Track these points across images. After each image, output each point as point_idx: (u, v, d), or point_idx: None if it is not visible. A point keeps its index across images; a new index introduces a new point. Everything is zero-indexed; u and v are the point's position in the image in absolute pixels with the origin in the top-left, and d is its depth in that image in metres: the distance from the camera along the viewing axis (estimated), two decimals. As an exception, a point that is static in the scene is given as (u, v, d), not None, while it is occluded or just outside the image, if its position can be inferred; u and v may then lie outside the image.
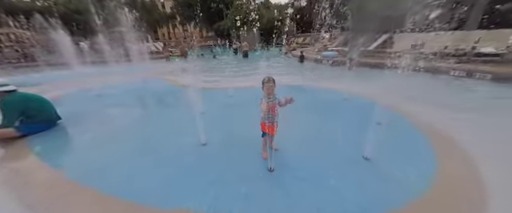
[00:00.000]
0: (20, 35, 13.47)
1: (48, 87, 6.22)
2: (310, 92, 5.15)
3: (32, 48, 13.27)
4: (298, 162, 2.21)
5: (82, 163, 2.38)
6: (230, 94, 4.99)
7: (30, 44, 13.46)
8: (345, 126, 3.10)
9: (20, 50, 12.97)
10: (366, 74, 7.20)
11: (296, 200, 1.70)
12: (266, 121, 2.01)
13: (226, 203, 1.68)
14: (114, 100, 5.04)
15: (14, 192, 1.90)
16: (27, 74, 9.48)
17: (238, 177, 2.01)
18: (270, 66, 10.53)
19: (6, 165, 2.38)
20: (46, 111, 3.17)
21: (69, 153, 2.77)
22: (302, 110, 3.82)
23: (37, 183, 2.04)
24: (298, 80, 6.74)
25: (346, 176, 1.98)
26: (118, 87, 6.25)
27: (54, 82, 7.38)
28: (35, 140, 2.90)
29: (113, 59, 11.01)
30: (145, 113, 4.39)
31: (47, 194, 1.88)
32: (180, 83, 6.58)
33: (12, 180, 2.08)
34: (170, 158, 2.40)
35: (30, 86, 5.85)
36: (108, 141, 2.93)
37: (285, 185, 1.87)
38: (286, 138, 2.65)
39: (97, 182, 1.98)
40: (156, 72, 9.30)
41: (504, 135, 2.64)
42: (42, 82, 7.41)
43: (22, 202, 1.78)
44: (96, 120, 3.69)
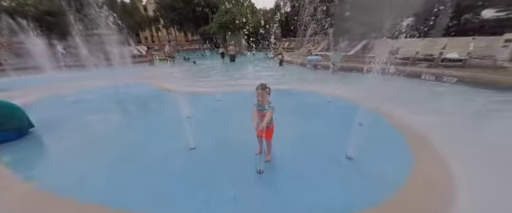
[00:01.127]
0: (-18, 37, 12.20)
1: (18, 93, 5.73)
2: (295, 95, 5.33)
3: (-4, 51, 12.07)
4: (286, 163, 2.29)
5: (57, 173, 2.24)
6: (218, 98, 4.99)
7: (-6, 47, 12.23)
8: (329, 127, 3.27)
9: (-19, 53, 11.73)
10: (348, 78, 7.62)
11: (286, 200, 1.75)
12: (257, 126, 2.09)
13: (215, 207, 1.69)
14: (92, 106, 4.78)
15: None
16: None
17: (228, 179, 2.03)
18: (254, 69, 10.70)
19: (-32, 178, 2.16)
20: (15, 118, 2.93)
21: (42, 162, 2.56)
22: (287, 113, 3.95)
23: (5, 195, 1.89)
24: (282, 83, 6.94)
25: (331, 175, 2.09)
26: (97, 92, 5.94)
27: (24, 87, 6.82)
28: (4, 150, 2.67)
29: (91, 63, 10.40)
30: (127, 118, 4.22)
31: (17, 207, 1.75)
32: (165, 87, 6.42)
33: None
34: (156, 164, 2.35)
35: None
36: (86, 149, 2.77)
37: (274, 186, 1.93)
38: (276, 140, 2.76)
39: (73, 191, 1.89)
40: (139, 76, 8.99)
41: (473, 135, 2.95)
42: (10, 87, 6.80)
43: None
44: (72, 127, 3.48)
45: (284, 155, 2.43)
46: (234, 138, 2.95)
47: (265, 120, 1.88)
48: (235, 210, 1.67)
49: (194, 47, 33.42)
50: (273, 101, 2.03)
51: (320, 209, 1.66)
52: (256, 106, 1.98)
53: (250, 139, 2.75)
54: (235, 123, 3.45)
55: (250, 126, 2.05)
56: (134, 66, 12.32)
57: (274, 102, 2.03)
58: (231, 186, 1.94)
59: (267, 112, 1.91)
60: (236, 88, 6.50)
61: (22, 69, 10.21)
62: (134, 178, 2.10)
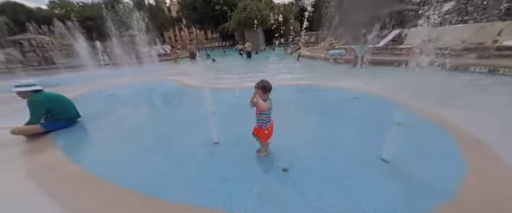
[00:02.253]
0: (40, 40, 14.29)
1: (68, 88, 6.58)
2: (317, 91, 5.14)
3: (51, 52, 14.05)
4: (312, 162, 2.18)
5: (101, 158, 2.53)
6: (237, 94, 5.08)
7: (49, 48, 14.25)
8: (358, 126, 3.04)
9: (40, 54, 13.76)
10: (378, 72, 7.06)
11: (313, 200, 1.67)
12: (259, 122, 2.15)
13: (241, 201, 1.71)
14: (126, 100, 5.25)
15: (40, 183, 2.05)
16: (49, 75, 10.08)
17: (252, 175, 2.03)
18: (273, 65, 10.59)
19: (33, 158, 2.57)
20: (67, 110, 3.39)
21: (88, 148, 2.93)
22: (311, 110, 3.83)
23: (61, 175, 2.20)
24: (301, 79, 6.75)
25: (364, 178, 1.92)
26: (129, 88, 6.50)
27: (72, 83, 7.80)
28: (58, 136, 3.11)
29: (124, 62, 11.45)
30: (157, 112, 4.56)
31: (70, 186, 2.03)
32: (188, 84, 6.76)
33: (39, 172, 2.25)
34: (183, 156, 2.47)
35: (50, 86, 6.23)
36: (123, 138, 3.07)
37: (300, 184, 1.86)
38: (297, 137, 2.70)
39: (115, 176, 2.09)
40: (165, 73, 9.58)
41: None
42: (62, 83, 7.85)
43: (47, 192, 1.93)
44: (110, 119, 3.86)
45: (309, 154, 2.33)
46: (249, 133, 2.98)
47: (258, 102, 1.90)
48: (261, 205, 1.66)
49: (213, 45, 34.36)
50: (292, 97, 1.98)
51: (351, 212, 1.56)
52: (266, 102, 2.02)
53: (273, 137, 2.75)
54: (254, 118, 3.48)
55: None
56: (160, 63, 13.22)
57: (294, 97, 1.98)
58: (255, 181, 1.93)
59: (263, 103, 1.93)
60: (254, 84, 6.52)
61: (70, 67, 11.72)
62: (163, 168, 2.24)
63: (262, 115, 2.02)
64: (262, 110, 1.96)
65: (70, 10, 23.84)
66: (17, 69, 11.46)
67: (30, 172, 2.25)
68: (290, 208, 1.63)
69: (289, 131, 3.00)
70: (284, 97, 4.77)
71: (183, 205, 1.69)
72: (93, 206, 1.72)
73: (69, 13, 23.42)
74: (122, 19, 12.86)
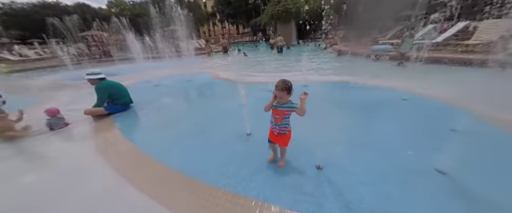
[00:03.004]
0: (100, 36, 16.79)
1: (121, 78, 7.60)
2: (356, 90, 4.73)
3: (108, 46, 16.40)
4: (351, 165, 2.04)
5: (150, 139, 2.88)
6: (269, 88, 5.07)
7: (107, 43, 16.65)
8: (406, 130, 2.72)
9: (101, 48, 16.21)
10: (431, 71, 6.11)
11: (350, 202, 1.59)
12: (271, 124, 1.93)
13: (274, 192, 1.73)
14: (168, 90, 5.79)
15: (106, 156, 2.45)
16: (107, 67, 11.83)
17: (285, 169, 2.03)
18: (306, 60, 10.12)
19: (99, 135, 3.08)
20: (124, 96, 3.94)
21: (140, 130, 3.38)
22: (350, 109, 3.57)
23: (120, 151, 2.59)
24: (338, 75, 6.29)
25: (413, 189, 1.72)
26: (170, 79, 7.14)
27: (124, 73, 8.98)
28: (116, 118, 3.65)
29: (166, 55, 12.60)
30: (194, 102, 4.90)
31: (128, 161, 2.36)
32: (221, 77, 7.06)
33: (104, 147, 2.69)
34: (219, 144, 2.62)
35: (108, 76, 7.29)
36: (166, 123, 3.42)
37: (335, 184, 1.78)
38: (333, 137, 2.58)
39: (161, 156, 2.34)
40: (200, 66, 10.19)
41: None
42: (117, 73, 9.12)
43: (112, 164, 2.28)
44: (156, 106, 4.32)
45: (348, 156, 2.19)
46: None
47: (303, 108, 1.68)
48: (294, 199, 1.65)
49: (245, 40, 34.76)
50: (329, 94, 1.85)
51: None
52: (274, 104, 1.79)
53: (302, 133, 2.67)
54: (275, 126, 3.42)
55: (300, 118, 1.86)
56: (195, 57, 14.08)
57: (330, 95, 1.84)
58: (289, 175, 1.93)
59: (290, 110, 1.74)
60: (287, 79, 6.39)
61: (123, 59, 13.50)
62: (201, 153, 2.42)
63: (286, 119, 1.81)
64: (287, 114, 1.78)
65: (124, 8, 27.27)
66: (84, 61, 13.74)
67: (98, 146, 2.71)
68: (325, 205, 1.58)
69: (324, 130, 2.87)
70: (320, 94, 4.56)
71: (218, 189, 1.80)
72: (148, 181, 1.97)
73: (122, 11, 26.84)
74: (165, 15, 14.05)
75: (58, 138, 3.05)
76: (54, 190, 1.95)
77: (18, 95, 5.56)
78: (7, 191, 1.99)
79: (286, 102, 1.72)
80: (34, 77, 9.33)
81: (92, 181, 2.04)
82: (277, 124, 1.82)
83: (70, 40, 15.41)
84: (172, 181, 1.96)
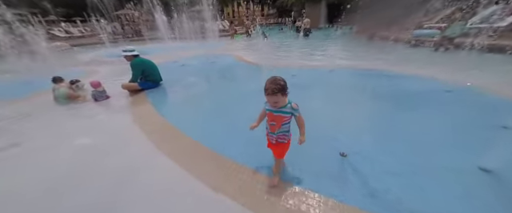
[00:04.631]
0: (132, 15, 17.67)
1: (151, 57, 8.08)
2: (394, 78, 4.28)
3: (140, 26, 17.26)
4: (379, 155, 1.94)
5: (178, 114, 3.10)
6: (293, 73, 4.91)
7: (138, 22, 17.51)
8: (448, 125, 2.44)
9: (133, 27, 17.16)
10: (490, 61, 5.19)
11: (375, 191, 1.55)
12: (267, 131, 1.55)
13: (296, 174, 1.76)
14: (192, 70, 6.00)
15: (141, 127, 2.71)
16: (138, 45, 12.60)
17: (307, 154, 2.00)
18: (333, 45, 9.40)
19: (134, 108, 3.40)
20: (155, 73, 4.22)
21: (169, 106, 3.65)
22: (382, 100, 3.29)
23: (152, 123, 2.84)
24: (371, 62, 5.74)
25: (451, 185, 1.59)
26: (195, 59, 7.35)
27: (154, 52, 9.47)
28: (148, 94, 3.96)
29: (191, 36, 12.86)
30: (219, 83, 4.99)
31: (160, 133, 2.58)
32: (245, 59, 7.02)
33: (139, 119, 2.98)
34: (241, 123, 2.64)
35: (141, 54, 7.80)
36: (193, 101, 3.63)
37: (361, 173, 1.73)
38: (361, 126, 2.46)
39: (188, 130, 2.52)
40: (224, 48, 10.19)
41: None
42: (147, 52, 9.69)
43: (147, 135, 2.52)
44: (182, 84, 4.55)
45: (376, 146, 2.08)
46: (310, 114, 2.87)
47: (302, 128, 1.43)
48: (317, 181, 1.67)
49: (269, 22, 33.28)
50: (359, 82, 1.70)
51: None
52: (266, 107, 1.42)
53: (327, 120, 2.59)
54: (311, 100, 3.32)
55: (324, 105, 1.74)
56: (219, 39, 14.11)
57: (361, 83, 1.70)
58: (310, 159, 1.93)
59: (291, 116, 1.38)
60: (312, 64, 6.10)
61: (152, 39, 14.19)
62: (225, 132, 2.54)
63: (285, 125, 1.42)
64: (286, 120, 1.39)
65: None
66: (119, 40, 14.78)
67: (134, 118, 3.02)
68: (347, 191, 1.56)
69: (352, 118, 2.74)
70: (348, 81, 4.29)
71: (241, 165, 1.90)
72: (178, 152, 2.15)
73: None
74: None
75: (102, 109, 3.46)
76: (100, 151, 2.28)
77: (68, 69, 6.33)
78: (67, 146, 2.38)
79: (283, 106, 1.33)
80: (79, 53, 10.44)
81: (130, 147, 2.31)
82: (274, 132, 1.44)
83: (107, 18, 16.54)
84: (199, 153, 2.11)
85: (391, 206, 1.43)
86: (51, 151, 2.32)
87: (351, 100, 3.32)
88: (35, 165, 2.10)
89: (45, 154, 2.26)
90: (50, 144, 2.46)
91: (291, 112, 1.35)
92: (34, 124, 2.98)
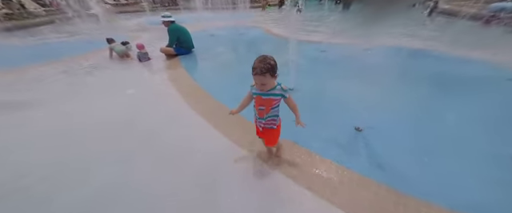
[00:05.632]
0: (167, -17, 17.85)
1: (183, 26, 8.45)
2: (444, 61, 3.78)
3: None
4: (402, 135, 1.92)
5: (208, 79, 3.40)
6: (323, 48, 4.67)
7: (173, -9, 17.76)
8: (501, 115, 2.20)
9: (168, -4, 17.58)
10: None
11: (390, 170, 1.58)
12: (255, 117, 1.42)
13: (306, 138, 1.88)
14: (221, 40, 6.15)
15: (175, 86, 3.11)
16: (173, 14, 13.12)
17: (322, 124, 2.11)
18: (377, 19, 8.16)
19: (170, 70, 3.82)
20: (189, 40, 4.52)
21: (200, 71, 3.97)
22: (425, 84, 3.00)
23: (185, 85, 3.20)
24: (423, 41, 4.99)
25: (479, 171, 1.54)
26: (224, 30, 7.44)
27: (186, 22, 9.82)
28: (182, 59, 4.34)
29: (222, 6, 12.69)
30: (246, 54, 5.11)
31: (190, 93, 2.94)
32: (274, 32, 6.81)
33: (174, 79, 3.38)
34: None
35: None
36: (220, 69, 3.88)
37: (376, 149, 1.77)
38: (388, 107, 2.38)
39: (217, 93, 2.80)
40: (253, 20, 9.89)
41: None
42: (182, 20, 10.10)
43: (181, 93, 2.90)
44: (211, 53, 4.80)
45: (401, 125, 2.04)
46: (332, 89, 2.85)
47: (296, 111, 1.32)
48: (326, 148, 1.78)
49: (306, -8, 29.83)
50: (400, 61, 1.61)
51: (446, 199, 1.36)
52: (252, 90, 1.30)
53: (350, 96, 2.56)
54: (336, 77, 3.23)
55: (350, 83, 1.70)
56: (250, 10, 13.61)
57: (402, 62, 1.61)
58: (323, 128, 2.02)
59: (280, 98, 1.25)
60: (346, 41, 5.61)
61: (185, 8, 14.49)
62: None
63: (274, 109, 1.30)
64: (275, 104, 1.27)
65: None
66: (157, 8, 15.47)
67: (170, 78, 3.44)
68: (355, 159, 1.67)
69: (379, 98, 2.65)
70: (386, 61, 3.96)
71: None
72: (205, 110, 2.48)
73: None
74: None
75: (145, 69, 3.98)
76: (145, 101, 2.76)
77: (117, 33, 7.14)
78: (121, 94, 2.95)
79: (272, 88, 1.20)
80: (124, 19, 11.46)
81: (167, 102, 2.72)
82: (262, 117, 1.33)
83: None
84: (224, 114, 2.39)
85: (399, 179, 1.49)
86: (110, 97, 2.91)
87: (383, 80, 3.11)
88: (97, 106, 2.70)
89: (105, 98, 2.86)
90: (108, 91, 3.07)
91: (281, 94, 1.22)
92: (94, 76, 3.66)
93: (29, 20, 8.67)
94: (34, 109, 2.58)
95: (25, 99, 2.79)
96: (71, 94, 2.96)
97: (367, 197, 1.36)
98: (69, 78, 3.54)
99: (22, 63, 4.10)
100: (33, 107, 2.62)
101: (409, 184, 1.44)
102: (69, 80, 3.44)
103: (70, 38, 6.65)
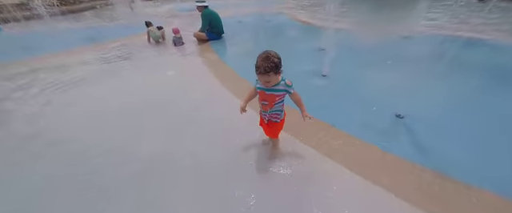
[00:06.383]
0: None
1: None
2: (501, 51, 3.37)
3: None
4: (448, 125, 1.85)
5: (237, 62, 3.51)
6: (354, 36, 4.42)
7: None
8: None
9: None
10: None
11: (428, 150, 1.57)
12: (260, 109, 1.41)
13: (344, 122, 1.92)
14: (248, 26, 6.17)
15: (209, 68, 3.29)
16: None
17: (358, 109, 2.10)
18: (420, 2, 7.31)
19: (203, 54, 4.02)
20: (219, 26, 4.64)
21: (229, 55, 4.11)
22: (477, 76, 2.73)
23: (217, 68, 3.35)
24: (473, 31, 4.42)
25: None
26: (251, 16, 7.38)
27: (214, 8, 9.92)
28: (213, 44, 4.50)
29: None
30: (272, 40, 5.02)
31: (223, 74, 3.09)
32: (300, 19, 6.60)
33: (207, 62, 3.56)
34: (295, 77, 2.87)
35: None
36: (250, 54, 3.89)
37: (418, 137, 1.71)
38: (430, 97, 2.26)
39: (247, 76, 2.87)
40: (281, 7, 9.59)
41: None
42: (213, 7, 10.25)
43: (213, 74, 3.08)
44: (239, 39, 4.89)
45: (447, 116, 1.96)
46: (366, 77, 2.77)
47: (301, 106, 1.28)
48: (364, 133, 1.77)
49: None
50: (444, 52, 1.49)
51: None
52: (256, 85, 1.27)
53: (388, 84, 2.47)
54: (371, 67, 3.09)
55: (388, 70, 1.61)
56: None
57: (449, 51, 1.49)
58: (361, 114, 2.02)
59: (284, 94, 1.23)
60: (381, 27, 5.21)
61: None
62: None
63: (277, 104, 1.29)
64: (279, 99, 1.25)
65: None
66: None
67: (204, 61, 3.64)
68: (396, 144, 1.65)
69: (424, 87, 2.51)
70: (431, 50, 3.62)
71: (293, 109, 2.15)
72: (236, 90, 2.60)
73: None
74: None
75: (180, 52, 4.24)
76: (183, 82, 2.99)
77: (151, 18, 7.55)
78: (160, 74, 3.24)
79: (276, 83, 1.18)
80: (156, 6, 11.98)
81: (203, 82, 2.92)
82: (266, 111, 1.34)
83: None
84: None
85: (439, 163, 1.46)
86: (154, 77, 3.21)
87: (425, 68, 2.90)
88: (143, 85, 2.99)
89: (149, 78, 3.16)
90: (152, 72, 3.38)
91: (285, 89, 1.19)
92: (136, 58, 4.01)
93: (76, 5, 9.58)
94: (87, 87, 2.97)
95: (80, 79, 3.21)
96: (117, 75, 3.32)
97: (411, 180, 1.37)
98: (113, 59, 3.93)
99: (75, 45, 4.66)
100: (85, 85, 3.01)
101: (456, 171, 1.41)
102: (114, 62, 3.83)
103: (110, 23, 7.24)
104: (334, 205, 1.25)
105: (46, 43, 4.98)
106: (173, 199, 1.36)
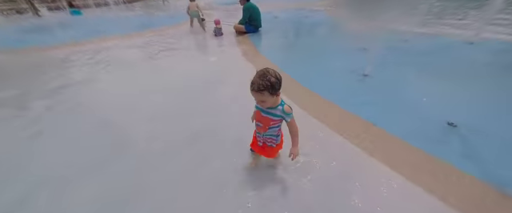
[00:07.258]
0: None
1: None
2: None
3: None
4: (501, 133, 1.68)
5: (275, 55, 3.58)
6: (406, 38, 4.08)
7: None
8: None
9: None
10: None
11: (486, 160, 1.45)
12: (255, 129, 1.28)
13: (388, 121, 1.85)
14: (285, 21, 6.16)
15: (247, 59, 3.43)
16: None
17: (397, 107, 2.03)
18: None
19: (241, 45, 4.19)
20: (258, 19, 4.76)
21: (267, 47, 4.19)
22: None
23: (254, 59, 3.46)
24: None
25: None
26: (288, 12, 7.34)
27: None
28: (250, 36, 4.65)
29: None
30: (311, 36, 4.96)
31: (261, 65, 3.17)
32: (339, 17, 6.32)
33: (245, 53, 3.71)
34: (331, 72, 2.87)
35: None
36: (287, 47, 4.06)
37: (469, 143, 1.60)
38: (490, 106, 2.06)
39: (285, 68, 2.87)
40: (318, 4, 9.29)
41: None
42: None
43: (253, 64, 3.21)
44: (276, 33, 4.95)
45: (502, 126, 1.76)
46: (410, 78, 2.60)
47: (294, 137, 1.14)
48: (414, 138, 1.67)
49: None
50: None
51: None
52: (255, 104, 1.13)
53: (440, 91, 2.28)
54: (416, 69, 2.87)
55: (440, 77, 1.46)
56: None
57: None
58: (410, 119, 1.90)
59: (280, 120, 1.10)
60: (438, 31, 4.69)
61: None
62: (317, 76, 2.81)
63: (272, 129, 1.16)
64: (273, 124, 1.13)
65: None
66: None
67: (242, 52, 3.81)
68: (449, 153, 1.53)
69: (483, 97, 2.27)
70: (489, 56, 3.21)
71: (333, 103, 2.15)
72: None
73: None
74: None
75: (220, 43, 4.49)
76: (225, 69, 3.19)
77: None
78: (203, 61, 3.54)
79: (273, 106, 1.06)
80: None
81: (241, 71, 3.06)
82: (261, 133, 1.22)
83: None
84: (295, 88, 2.53)
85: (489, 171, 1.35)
86: (199, 62, 3.53)
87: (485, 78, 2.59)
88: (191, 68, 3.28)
89: (195, 63, 3.46)
90: (196, 58, 3.70)
91: (282, 116, 1.07)
92: (182, 45, 4.37)
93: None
94: (140, 67, 3.37)
95: (135, 60, 3.66)
96: (171, 56, 3.69)
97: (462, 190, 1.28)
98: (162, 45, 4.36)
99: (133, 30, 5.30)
100: (137, 66, 3.41)
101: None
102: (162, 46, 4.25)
103: (156, 13, 7.97)
104: (376, 199, 1.25)
105: (112, 27, 5.84)
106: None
